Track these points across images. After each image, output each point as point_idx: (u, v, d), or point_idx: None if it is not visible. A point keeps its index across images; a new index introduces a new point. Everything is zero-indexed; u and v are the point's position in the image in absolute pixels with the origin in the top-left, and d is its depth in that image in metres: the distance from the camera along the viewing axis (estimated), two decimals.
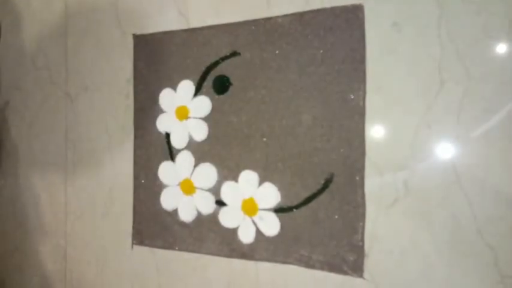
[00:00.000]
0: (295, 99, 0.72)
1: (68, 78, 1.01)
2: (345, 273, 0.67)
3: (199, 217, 0.81)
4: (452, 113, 0.60)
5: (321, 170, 0.69)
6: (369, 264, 0.66)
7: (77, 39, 1.00)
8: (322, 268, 0.69)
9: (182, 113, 0.83)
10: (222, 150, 0.79)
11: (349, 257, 0.67)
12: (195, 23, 0.83)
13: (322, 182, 0.69)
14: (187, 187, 0.82)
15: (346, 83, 0.68)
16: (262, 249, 0.75)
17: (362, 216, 0.66)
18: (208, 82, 0.80)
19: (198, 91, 0.82)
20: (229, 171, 0.78)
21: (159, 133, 0.86)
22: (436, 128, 0.61)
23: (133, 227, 0.90)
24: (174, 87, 0.84)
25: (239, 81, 0.77)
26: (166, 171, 0.85)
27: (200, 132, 0.81)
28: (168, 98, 0.85)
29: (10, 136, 1.11)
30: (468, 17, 0.59)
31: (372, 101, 0.66)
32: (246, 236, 0.76)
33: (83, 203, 0.99)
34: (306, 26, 0.71)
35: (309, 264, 0.70)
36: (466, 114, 0.59)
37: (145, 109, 0.88)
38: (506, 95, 0.57)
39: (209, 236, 0.80)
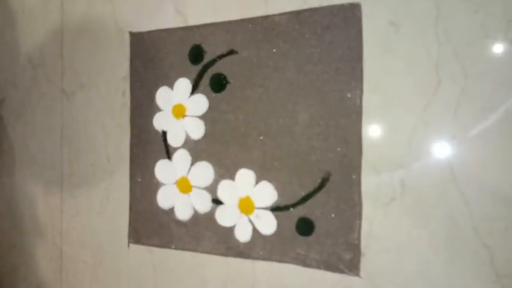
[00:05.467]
0: (292, 97, 0.72)
1: (64, 76, 1.00)
2: (341, 271, 0.67)
3: (196, 216, 0.81)
4: (449, 112, 0.60)
5: (317, 169, 0.69)
6: (365, 262, 0.66)
7: (73, 36, 0.99)
8: (318, 267, 0.69)
9: (179, 111, 0.82)
10: (219, 149, 0.79)
11: (345, 256, 0.67)
12: (192, 20, 0.83)
13: (319, 180, 0.69)
14: (184, 185, 0.81)
15: (344, 82, 0.68)
16: (259, 247, 0.75)
17: (359, 215, 0.66)
18: (205, 80, 0.80)
19: (195, 89, 0.81)
20: (226, 170, 0.78)
21: (156, 131, 0.86)
22: (433, 126, 0.61)
23: (130, 226, 0.90)
24: (170, 85, 0.84)
25: (236, 79, 0.77)
26: (162, 169, 0.85)
27: (197, 131, 0.80)
28: (164, 96, 0.85)
29: (6, 134, 1.10)
30: (465, 16, 0.59)
31: (369, 99, 0.66)
32: (243, 235, 0.76)
33: (78, 202, 0.98)
34: (304, 25, 0.71)
35: (305, 263, 0.70)
36: (463, 113, 0.60)
37: (142, 107, 0.88)
38: (503, 94, 0.57)
39: (206, 234, 0.80)
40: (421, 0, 0.62)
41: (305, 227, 0.70)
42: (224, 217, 0.78)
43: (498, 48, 0.58)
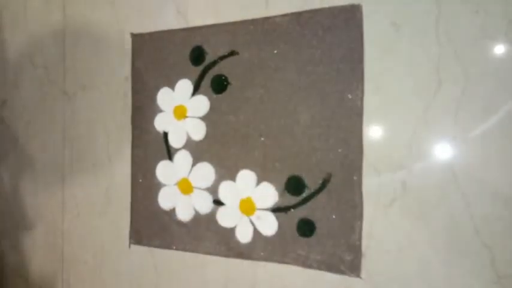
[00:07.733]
0: (293, 98, 0.72)
1: (66, 77, 1.01)
2: (342, 272, 0.67)
3: (197, 216, 0.81)
4: (450, 112, 0.60)
5: (318, 170, 0.69)
6: (366, 263, 0.66)
7: (75, 37, 0.99)
8: (319, 268, 0.69)
9: (180, 112, 0.82)
10: (220, 150, 0.79)
11: (346, 257, 0.67)
12: (194, 22, 0.83)
13: (320, 181, 0.69)
14: (185, 186, 0.81)
15: (344, 83, 0.68)
16: (260, 248, 0.75)
17: (359, 216, 0.66)
18: (206, 81, 0.80)
19: (196, 90, 0.81)
20: (227, 171, 0.78)
21: (157, 132, 0.86)
22: (434, 127, 0.61)
23: (131, 226, 0.90)
24: (172, 86, 0.84)
25: (237, 80, 0.77)
26: (164, 170, 0.85)
27: (198, 132, 0.80)
28: (166, 97, 0.85)
29: (8, 135, 1.10)
30: (466, 17, 0.59)
31: (370, 100, 0.66)
32: (244, 236, 0.76)
33: (80, 202, 0.98)
34: (304, 26, 0.71)
35: (306, 263, 0.70)
36: (464, 114, 0.60)
37: (143, 108, 0.88)
38: (504, 95, 0.57)
39: (207, 235, 0.80)
40: (421, 1, 0.62)
41: (306, 228, 0.70)
42: (225, 218, 0.78)
43: (499, 48, 0.58)
